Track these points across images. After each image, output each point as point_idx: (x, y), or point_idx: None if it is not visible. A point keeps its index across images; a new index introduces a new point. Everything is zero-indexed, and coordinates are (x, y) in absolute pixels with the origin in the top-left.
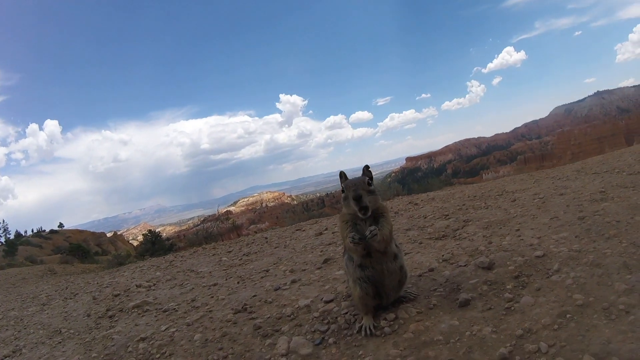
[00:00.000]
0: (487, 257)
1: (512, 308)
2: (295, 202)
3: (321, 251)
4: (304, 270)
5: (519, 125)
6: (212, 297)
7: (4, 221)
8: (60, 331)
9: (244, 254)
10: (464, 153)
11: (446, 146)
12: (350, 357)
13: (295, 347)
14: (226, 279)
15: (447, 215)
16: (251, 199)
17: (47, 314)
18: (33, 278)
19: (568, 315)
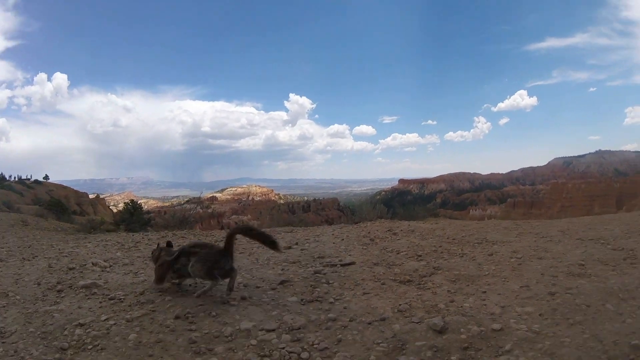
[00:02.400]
0: (442, 319)
1: None
2: (281, 201)
3: (282, 269)
4: (258, 287)
5: (516, 168)
6: (161, 295)
7: None
8: (8, 294)
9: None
10: (457, 186)
11: (440, 175)
12: None
13: None
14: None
15: (420, 256)
16: (239, 189)
17: (1, 272)
18: (3, 226)
19: None
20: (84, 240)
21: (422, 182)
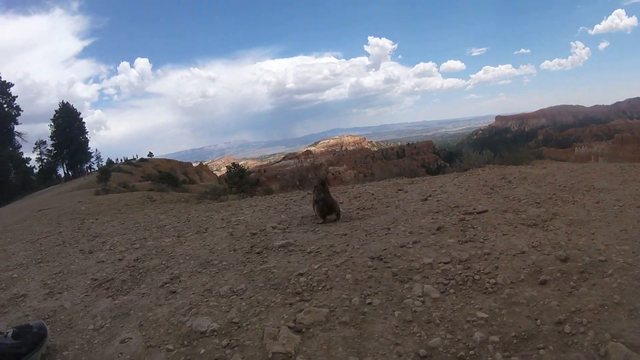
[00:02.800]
0: (564, 252)
1: (573, 293)
2: (375, 149)
3: (432, 218)
4: (421, 233)
5: (622, 100)
6: (348, 245)
7: (97, 150)
8: (212, 263)
9: (358, 208)
10: (559, 120)
11: (540, 110)
12: (466, 303)
13: (427, 291)
14: (351, 231)
15: (539, 203)
16: (332, 141)
17: (188, 246)
18: (136, 205)
19: (605, 307)
20: (232, 209)
21: (521, 118)
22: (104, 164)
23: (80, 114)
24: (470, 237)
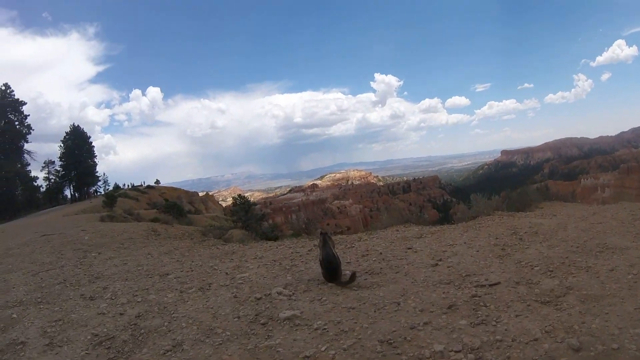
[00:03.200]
0: (577, 340)
1: None
2: (381, 183)
3: (443, 292)
4: (432, 312)
5: (626, 129)
6: (356, 322)
7: (104, 174)
8: (216, 331)
9: (365, 271)
10: (564, 153)
11: (545, 143)
12: None
13: None
14: (360, 304)
15: (552, 271)
16: (338, 175)
17: (191, 306)
18: (139, 238)
19: None
20: (236, 257)
21: (527, 152)
22: (110, 188)
23: (90, 137)
24: (483, 319)
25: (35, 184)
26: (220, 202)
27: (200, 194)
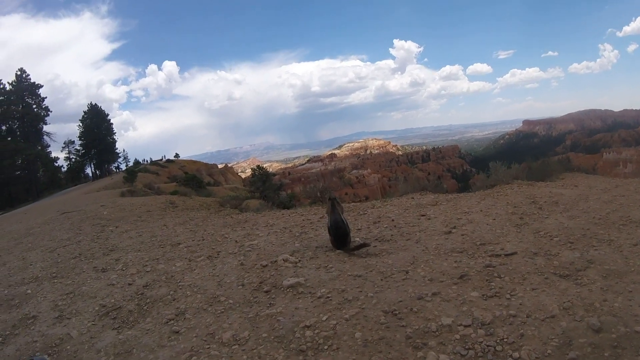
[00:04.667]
0: (598, 319)
1: None
2: (400, 153)
3: (455, 262)
4: (442, 281)
5: None
6: (361, 291)
7: (124, 150)
8: (219, 299)
9: (375, 238)
10: (587, 125)
11: (568, 114)
12: None
13: None
14: (366, 272)
15: (572, 243)
16: (356, 144)
17: (197, 274)
18: (157, 211)
19: None
20: (248, 226)
21: (549, 123)
22: (131, 163)
23: (108, 115)
24: (496, 291)
25: (57, 164)
26: (239, 174)
27: (220, 166)
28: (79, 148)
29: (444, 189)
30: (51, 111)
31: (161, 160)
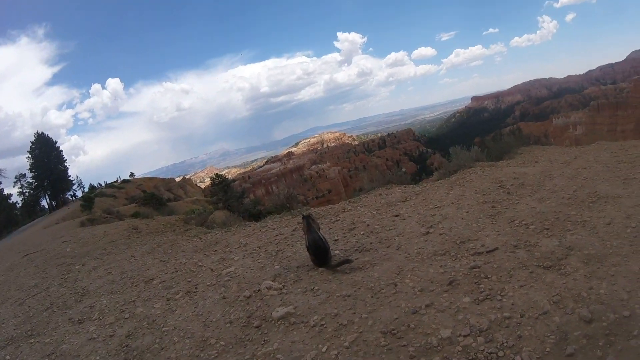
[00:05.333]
0: (588, 310)
1: None
2: (356, 143)
3: (441, 266)
4: (432, 290)
5: (594, 68)
6: (354, 313)
7: (77, 176)
8: (209, 342)
9: (355, 249)
10: (534, 94)
11: (515, 86)
12: None
13: None
14: (355, 290)
15: (548, 229)
16: (312, 139)
17: (180, 315)
18: (121, 239)
19: None
20: (220, 248)
21: (497, 96)
22: (86, 189)
23: (56, 142)
24: (487, 293)
25: (10, 201)
26: (198, 185)
27: (177, 180)
28: (31, 181)
29: (407, 179)
30: None
31: (116, 181)
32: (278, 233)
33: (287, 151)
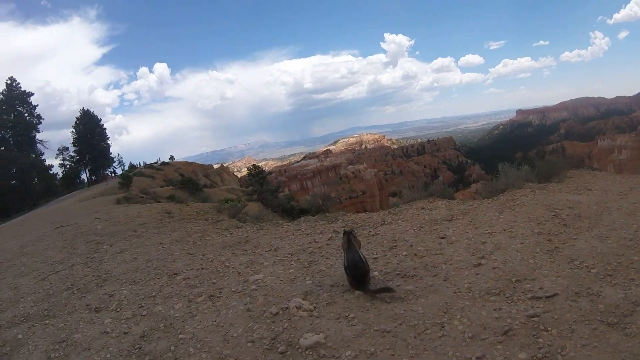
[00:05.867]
0: None
1: None
2: (395, 146)
3: (495, 309)
4: (485, 339)
5: None
6: (393, 354)
7: (119, 154)
8: (226, 359)
9: (396, 272)
10: (581, 113)
11: (562, 102)
12: None
13: None
14: (395, 325)
15: (611, 275)
16: (351, 139)
17: (200, 322)
18: (153, 223)
19: None
20: (250, 248)
21: (542, 112)
22: (126, 167)
23: (101, 120)
24: (546, 350)
25: (51, 171)
26: (235, 173)
27: (215, 167)
28: (73, 154)
29: (450, 193)
30: (43, 119)
31: (156, 163)
32: (312, 240)
33: (325, 149)
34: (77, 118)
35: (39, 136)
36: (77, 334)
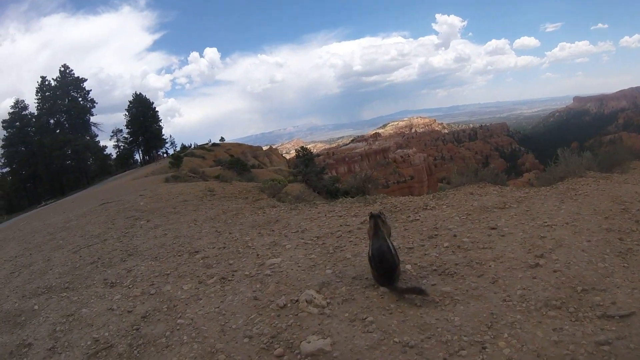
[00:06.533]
0: None
1: None
2: (446, 131)
3: (554, 330)
4: None
5: None
6: None
7: (171, 136)
8: (217, 357)
9: (433, 268)
10: None
11: (621, 91)
12: None
13: None
14: (422, 338)
15: None
16: (401, 123)
17: (202, 307)
18: (194, 200)
19: None
20: (277, 229)
21: (600, 99)
22: (177, 148)
23: (153, 103)
24: None
25: (106, 152)
26: (283, 155)
27: (264, 148)
28: (126, 136)
29: (504, 180)
30: (97, 103)
31: (207, 144)
32: (343, 223)
33: (374, 132)
34: (130, 102)
35: (92, 119)
36: (86, 309)
